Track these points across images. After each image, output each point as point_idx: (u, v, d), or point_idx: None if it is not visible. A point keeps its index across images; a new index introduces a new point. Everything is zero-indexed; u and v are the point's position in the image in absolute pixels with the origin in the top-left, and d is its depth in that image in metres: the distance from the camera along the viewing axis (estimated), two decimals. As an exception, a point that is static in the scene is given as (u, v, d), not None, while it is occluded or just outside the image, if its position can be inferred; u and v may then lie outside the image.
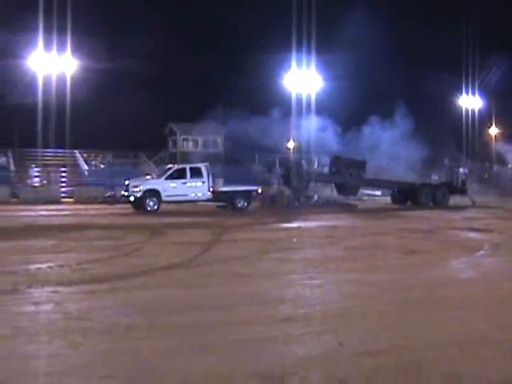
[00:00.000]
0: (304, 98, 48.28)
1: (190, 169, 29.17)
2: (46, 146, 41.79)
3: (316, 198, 33.52)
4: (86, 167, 44.71)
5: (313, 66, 48.30)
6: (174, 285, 10.17)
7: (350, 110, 41.15)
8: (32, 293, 9.21)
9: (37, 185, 38.99)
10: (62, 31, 41.40)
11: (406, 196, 34.95)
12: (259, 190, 30.85)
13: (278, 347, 6.50)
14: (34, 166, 41.64)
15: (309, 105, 47.50)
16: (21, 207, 28.33)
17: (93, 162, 46.73)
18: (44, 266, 11.65)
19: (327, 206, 30.98)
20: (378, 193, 39.01)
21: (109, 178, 34.91)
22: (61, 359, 6.04)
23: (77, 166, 44.35)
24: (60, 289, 9.46)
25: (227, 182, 30.73)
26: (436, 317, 7.77)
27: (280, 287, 9.96)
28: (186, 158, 43.93)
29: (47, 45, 42.14)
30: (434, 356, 6.11)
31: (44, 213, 27.09)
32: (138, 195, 27.61)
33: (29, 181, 39.41)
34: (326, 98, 45.36)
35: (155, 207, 27.50)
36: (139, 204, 27.70)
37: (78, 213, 26.80)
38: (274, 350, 6.43)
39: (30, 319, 7.61)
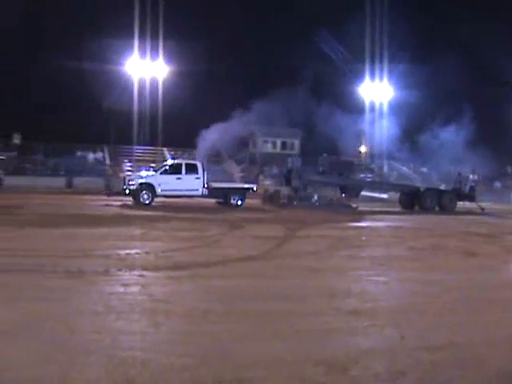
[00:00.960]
0: (377, 105, 47.94)
1: (186, 165, 28.80)
2: (138, 144, 42.79)
3: (315, 198, 31.24)
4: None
5: (385, 75, 47.85)
6: (249, 275, 10.29)
7: (419, 117, 40.38)
8: (121, 275, 9.51)
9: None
10: (154, 38, 42.24)
11: (412, 200, 32.91)
12: (255, 188, 29.96)
13: (343, 338, 6.54)
14: (126, 161, 42.69)
15: (381, 112, 47.11)
16: (114, 197, 29.00)
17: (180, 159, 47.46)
18: (133, 251, 12.00)
19: (324, 207, 29.23)
20: (385, 196, 35.79)
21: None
22: (144, 336, 6.25)
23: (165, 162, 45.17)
24: (146, 273, 9.73)
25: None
26: (493, 317, 7.62)
27: (348, 282, 9.95)
28: (264, 158, 44.21)
29: (142, 51, 43.09)
30: (490, 353, 6.03)
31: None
32: (133, 188, 27.62)
33: (121, 174, 40.44)
34: (397, 106, 44.78)
35: (149, 200, 27.31)
36: (133, 197, 27.69)
37: (165, 205, 27.24)
38: (340, 340, 6.48)
39: (119, 299, 7.88)
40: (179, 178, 27.93)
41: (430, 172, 42.24)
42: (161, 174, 28.24)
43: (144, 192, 27.26)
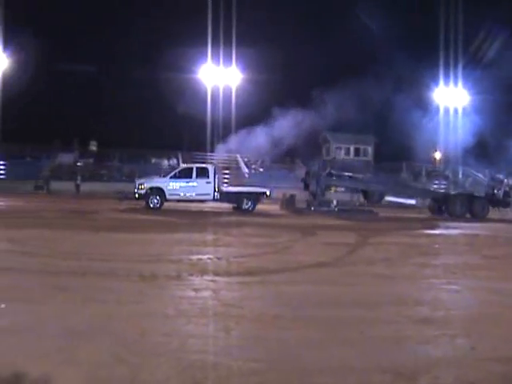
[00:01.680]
0: (451, 111, 46.99)
1: (197, 169, 28.21)
2: (212, 150, 43.27)
3: (334, 203, 29.74)
4: (246, 170, 45.83)
5: (459, 81, 46.85)
6: (320, 281, 10.23)
7: (495, 123, 39.20)
8: (193, 280, 9.64)
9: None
10: (227, 45, 42.65)
11: (442, 206, 30.87)
12: (268, 193, 28.46)
13: (412, 346, 6.42)
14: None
15: (455, 118, 46.13)
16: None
17: (253, 166, 47.78)
18: (205, 257, 12.15)
19: (343, 213, 27.75)
20: (412, 201, 33.15)
21: (267, 181, 35.02)
22: (214, 340, 6.31)
23: (239, 168, 45.55)
24: (217, 278, 9.83)
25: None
26: None
27: (419, 290, 9.78)
28: (337, 164, 43.96)
29: (215, 58, 43.60)
30: None
31: (208, 210, 28.00)
32: (142, 192, 27.33)
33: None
34: (472, 111, 43.68)
35: (158, 205, 27.05)
36: (144, 201, 27.37)
37: (239, 212, 27.31)
38: (409, 348, 6.36)
39: (190, 303, 7.98)
40: (189, 183, 27.48)
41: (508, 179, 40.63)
42: (170, 178, 27.88)
43: (153, 196, 27.15)
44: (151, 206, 26.92)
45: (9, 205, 26.75)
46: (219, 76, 45.04)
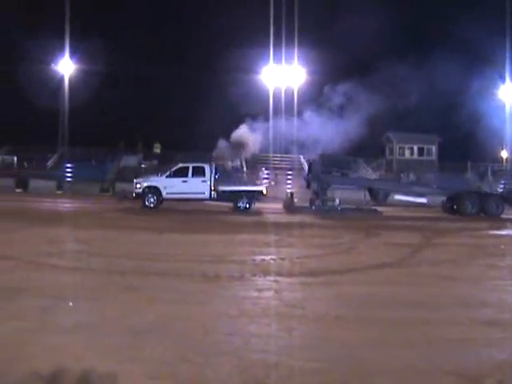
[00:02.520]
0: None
1: (193, 168, 27.47)
2: (275, 152, 43.27)
3: (337, 202, 28.02)
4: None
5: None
6: (382, 282, 10.15)
7: None
8: (256, 280, 9.72)
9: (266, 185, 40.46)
10: (290, 46, 42.59)
11: (453, 205, 29.03)
12: (264, 191, 27.92)
13: (476, 349, 6.31)
14: (264, 168, 43.31)
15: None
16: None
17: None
18: (267, 257, 12.22)
19: (346, 212, 26.78)
20: (423, 200, 30.76)
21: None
22: (276, 340, 6.36)
23: (302, 170, 45.45)
24: (280, 279, 9.88)
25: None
26: None
27: (484, 291, 9.59)
28: (401, 164, 43.36)
29: (277, 59, 43.61)
30: None
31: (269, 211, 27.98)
32: (139, 191, 26.92)
33: (258, 181, 41.05)
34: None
35: (155, 204, 26.55)
36: (141, 200, 26.82)
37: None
38: (473, 351, 6.25)
39: (253, 303, 8.05)
40: (185, 181, 26.98)
41: None
42: (167, 177, 27.36)
43: (150, 195, 26.74)
44: (147, 204, 26.54)
45: (76, 206, 27.44)
46: (281, 76, 45.02)
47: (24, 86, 42.16)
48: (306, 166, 44.65)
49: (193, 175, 27.04)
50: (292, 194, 29.64)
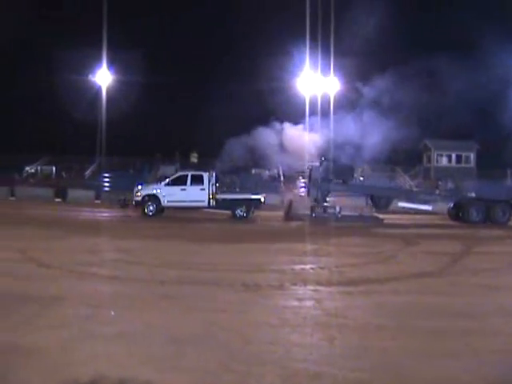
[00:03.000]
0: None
1: (192, 176, 27.64)
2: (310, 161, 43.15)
3: (337, 209, 27.35)
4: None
5: None
6: (423, 292, 10.04)
7: None
8: (296, 290, 9.73)
9: (302, 194, 40.36)
10: (326, 54, 42.49)
11: (458, 212, 28.06)
12: (262, 200, 27.59)
13: (521, 360, 6.21)
14: (301, 178, 43.28)
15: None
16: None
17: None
18: (307, 266, 12.21)
19: (346, 220, 26.16)
20: (428, 207, 29.41)
21: (368, 190, 34.06)
22: (318, 349, 6.36)
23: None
24: (320, 288, 9.87)
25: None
26: None
27: (528, 301, 9.44)
28: (439, 172, 42.90)
29: (313, 66, 43.56)
30: None
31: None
32: (139, 199, 27.21)
33: (295, 191, 40.97)
34: None
35: (154, 212, 26.83)
36: (140, 208, 27.23)
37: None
38: (518, 362, 6.16)
39: (294, 312, 8.05)
40: (184, 190, 27.13)
41: None
42: (166, 185, 27.54)
43: (149, 204, 27.02)
44: (146, 212, 26.90)
45: (113, 215, 27.77)
46: (318, 84, 44.95)
47: (62, 96, 42.87)
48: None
49: (191, 183, 27.23)
50: (291, 201, 29.28)
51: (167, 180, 27.86)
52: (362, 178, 45.77)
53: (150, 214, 26.78)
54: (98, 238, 17.58)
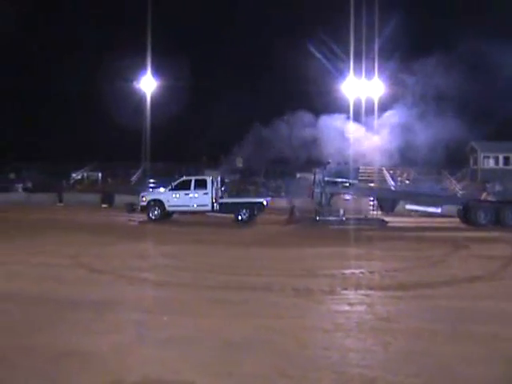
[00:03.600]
0: None
1: (196, 180, 28.08)
2: (355, 164, 42.95)
3: (342, 212, 27.38)
4: (392, 183, 45.16)
5: None
6: (476, 296, 9.92)
7: None
8: (347, 294, 9.72)
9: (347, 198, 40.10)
10: (369, 58, 42.22)
11: (466, 214, 27.22)
12: (264, 203, 27.97)
13: None
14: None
15: None
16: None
17: (399, 178, 47.00)
18: (357, 271, 12.17)
19: (351, 223, 25.90)
20: (437, 210, 28.56)
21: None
22: (372, 355, 6.34)
23: (384, 181, 44.98)
24: (371, 292, 9.84)
25: None
26: None
27: None
28: (486, 174, 42.26)
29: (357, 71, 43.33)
30: None
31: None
32: (144, 204, 27.95)
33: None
34: None
35: (158, 216, 27.41)
36: (146, 212, 27.86)
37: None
38: None
39: (346, 317, 8.05)
40: (187, 194, 27.65)
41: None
42: (170, 190, 28.25)
43: (153, 208, 27.64)
44: (151, 217, 27.54)
45: (161, 221, 28.02)
46: (362, 89, 44.74)
47: (108, 103, 43.53)
48: (389, 178, 44.29)
49: (195, 188, 27.75)
50: (294, 205, 29.29)
51: (172, 185, 28.56)
52: (407, 182, 45.46)
53: (153, 218, 27.47)
54: (146, 244, 17.88)
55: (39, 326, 7.43)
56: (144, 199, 28.29)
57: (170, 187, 28.51)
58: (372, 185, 31.73)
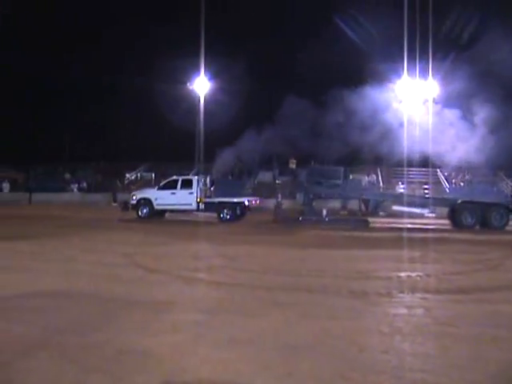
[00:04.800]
0: None
1: (182, 180, 29.36)
2: (411, 165, 42.41)
3: (325, 213, 27.32)
4: (446, 185, 44.51)
5: None
6: (539, 301, 9.69)
7: None
8: (403, 297, 9.58)
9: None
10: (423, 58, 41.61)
11: (451, 216, 26.84)
12: (246, 203, 28.73)
13: None
14: (400, 182, 42.68)
15: None
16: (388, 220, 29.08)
17: (453, 180, 46.29)
18: (413, 274, 11.98)
19: (334, 223, 26.20)
20: (425, 211, 27.94)
21: (469, 195, 33.18)
22: (432, 359, 6.24)
23: (439, 183, 44.34)
24: (428, 296, 9.69)
25: None
26: None
27: None
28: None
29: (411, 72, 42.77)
30: None
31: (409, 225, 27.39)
32: (134, 203, 29.63)
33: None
34: None
35: (147, 215, 28.98)
36: (135, 210, 29.42)
37: (441, 227, 26.40)
38: None
39: (404, 321, 7.93)
40: (174, 193, 28.91)
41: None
42: (158, 189, 29.85)
43: (142, 207, 29.20)
44: (140, 215, 29.08)
45: (214, 222, 28.24)
46: (416, 90, 44.13)
47: (161, 104, 44.11)
48: (444, 180, 43.60)
49: (181, 187, 29.08)
50: (278, 205, 29.38)
51: (161, 184, 30.42)
52: (462, 184, 44.68)
53: (142, 216, 29.01)
54: (199, 244, 18.03)
55: (97, 325, 7.55)
56: (134, 198, 30.00)
57: (158, 186, 30.48)
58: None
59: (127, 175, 51.25)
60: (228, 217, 28.32)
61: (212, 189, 30.23)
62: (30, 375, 5.68)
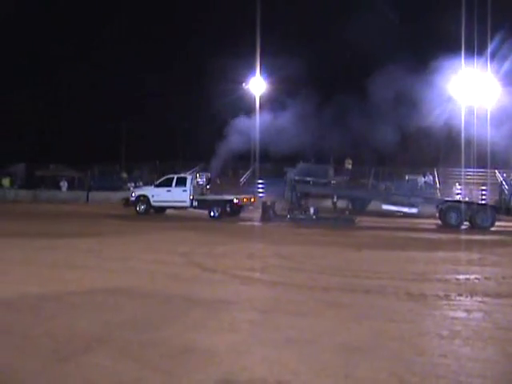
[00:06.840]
0: None
1: (177, 178, 30.42)
2: (467, 166, 41.65)
3: (312, 211, 27.39)
4: (506, 186, 43.48)
5: None
6: None
7: None
8: (462, 300, 9.39)
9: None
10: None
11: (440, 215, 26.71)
12: (234, 201, 29.25)
13: None
14: (457, 183, 41.96)
15: None
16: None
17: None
18: (472, 277, 11.76)
19: (321, 222, 26.24)
20: (414, 210, 27.60)
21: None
22: (493, 365, 6.11)
23: (497, 184, 43.39)
24: (487, 299, 9.47)
25: None
26: None
27: None
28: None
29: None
30: None
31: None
32: (133, 199, 31.16)
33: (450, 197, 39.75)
34: None
35: (144, 211, 30.52)
36: (134, 207, 30.98)
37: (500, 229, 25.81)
38: None
39: (463, 324, 7.78)
40: (169, 191, 30.07)
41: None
42: (155, 186, 31.13)
43: (140, 203, 30.72)
44: (138, 211, 30.63)
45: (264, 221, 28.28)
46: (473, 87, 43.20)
47: (216, 104, 44.35)
48: (503, 181, 42.60)
49: (176, 185, 30.14)
50: (266, 203, 29.50)
51: (158, 182, 31.76)
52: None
53: (140, 212, 30.55)
54: (255, 244, 18.06)
55: (156, 323, 7.64)
56: (133, 195, 31.59)
57: (154, 184, 31.64)
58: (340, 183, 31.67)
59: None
60: (218, 214, 28.93)
61: (208, 186, 31.81)
62: (90, 371, 5.80)
